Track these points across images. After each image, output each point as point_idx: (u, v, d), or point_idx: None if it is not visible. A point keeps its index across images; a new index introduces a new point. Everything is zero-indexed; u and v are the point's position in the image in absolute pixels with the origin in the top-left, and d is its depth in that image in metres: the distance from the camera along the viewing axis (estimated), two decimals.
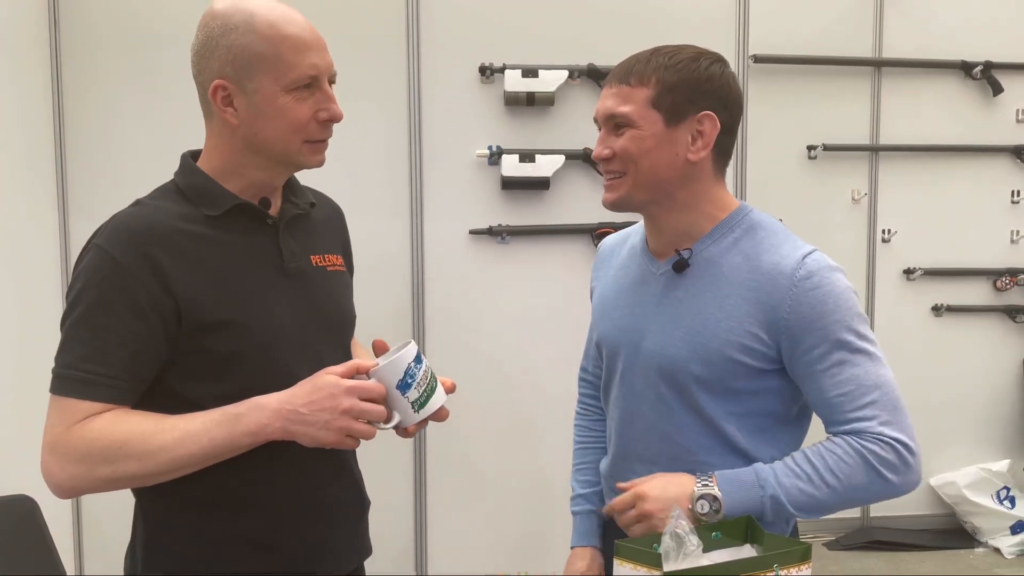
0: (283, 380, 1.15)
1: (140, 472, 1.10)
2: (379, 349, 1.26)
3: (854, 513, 3.69)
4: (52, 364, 1.14)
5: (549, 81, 2.68)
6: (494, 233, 2.73)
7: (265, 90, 1.15)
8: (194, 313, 1.14)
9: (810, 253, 1.25)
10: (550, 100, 2.69)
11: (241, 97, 1.16)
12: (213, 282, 1.16)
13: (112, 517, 2.59)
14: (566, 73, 2.69)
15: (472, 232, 2.74)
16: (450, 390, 1.23)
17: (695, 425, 1.30)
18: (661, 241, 1.35)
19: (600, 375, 1.54)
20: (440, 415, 1.20)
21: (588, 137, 2.71)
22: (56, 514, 2.46)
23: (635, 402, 1.36)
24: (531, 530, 2.80)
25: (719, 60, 1.30)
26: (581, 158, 2.71)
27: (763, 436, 1.30)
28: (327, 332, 1.29)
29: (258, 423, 1.10)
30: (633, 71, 1.26)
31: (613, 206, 1.33)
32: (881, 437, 1.20)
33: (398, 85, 2.66)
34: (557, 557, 1.59)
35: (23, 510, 1.61)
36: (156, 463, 1.09)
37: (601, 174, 1.36)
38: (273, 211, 1.26)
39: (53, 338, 1.13)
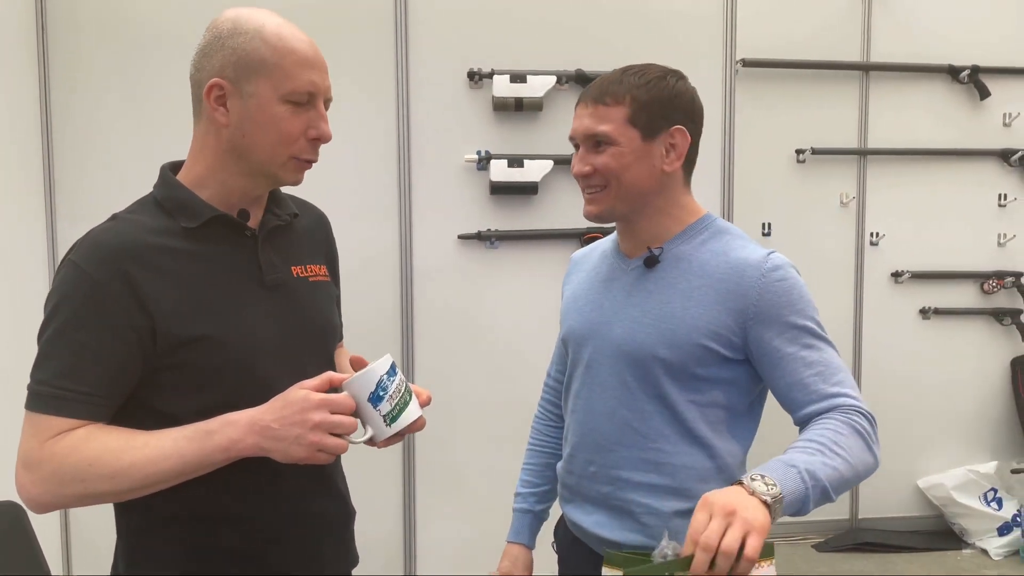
0: (264, 394, 1.15)
1: (112, 490, 1.10)
2: (357, 365, 1.26)
3: (842, 515, 3.72)
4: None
5: (537, 86, 2.68)
6: (483, 238, 2.74)
7: (262, 96, 1.15)
8: (170, 329, 1.13)
9: (772, 251, 1.34)
10: (538, 105, 2.70)
11: (236, 99, 1.16)
12: (189, 297, 1.16)
13: (100, 523, 2.58)
14: (554, 78, 2.70)
15: (461, 237, 2.74)
16: (425, 403, 1.23)
17: (656, 413, 1.35)
18: (634, 243, 1.42)
19: (562, 380, 1.60)
20: (415, 425, 1.20)
21: None
22: (43, 520, 2.46)
23: (599, 391, 1.41)
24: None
25: (682, 77, 1.39)
26: (569, 163, 2.70)
27: (722, 427, 1.36)
28: (309, 344, 1.29)
29: (230, 439, 1.10)
30: (608, 91, 1.33)
31: (596, 218, 1.40)
32: (860, 409, 1.25)
33: (386, 90, 2.66)
34: (546, 560, 1.62)
35: (10, 516, 1.60)
36: (127, 480, 1.09)
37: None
38: (253, 223, 1.25)
39: None
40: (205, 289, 1.17)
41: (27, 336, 2.40)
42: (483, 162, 2.70)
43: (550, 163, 2.71)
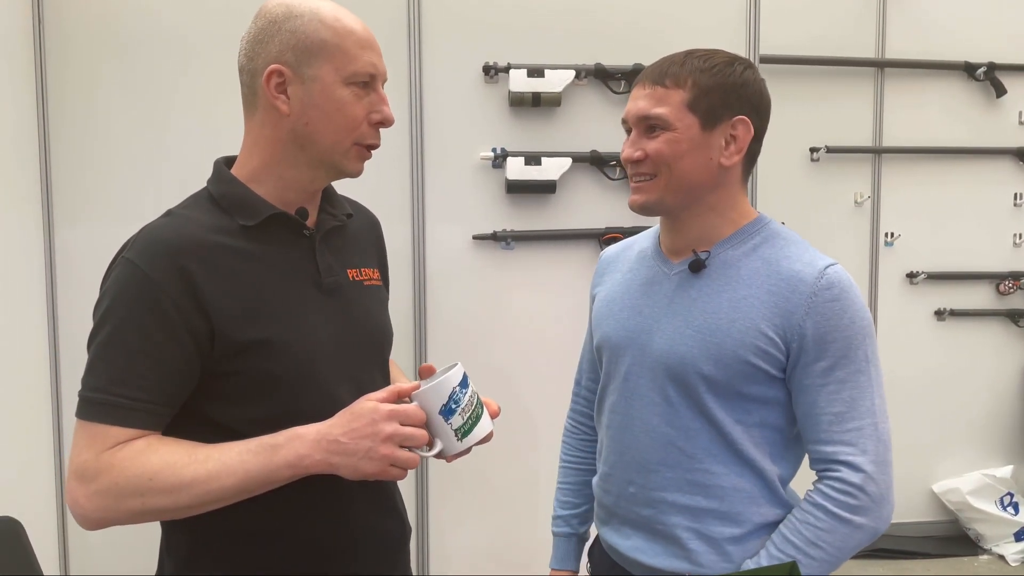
0: (322, 402, 1.10)
1: (171, 506, 1.04)
2: (426, 373, 1.20)
3: None
4: (44, 385, 1.07)
5: (555, 81, 2.60)
6: (498, 238, 2.64)
7: (325, 79, 1.11)
8: (229, 332, 1.08)
9: (832, 265, 1.23)
10: (556, 101, 2.61)
11: (297, 85, 1.11)
12: (248, 299, 1.10)
13: (99, 540, 2.50)
14: (573, 73, 2.61)
15: (476, 237, 2.65)
16: (495, 415, 1.17)
17: (702, 431, 1.25)
18: (678, 243, 1.32)
19: (595, 389, 1.49)
20: (484, 439, 1.13)
21: (595, 139, 2.64)
22: (42, 537, 2.36)
23: (638, 405, 1.31)
24: (534, 535, 2.73)
25: (751, 66, 1.28)
26: (588, 161, 2.63)
27: (770, 450, 1.27)
28: (365, 351, 1.24)
29: (297, 454, 1.03)
30: (668, 73, 1.24)
31: (642, 209, 1.30)
32: (845, 480, 1.18)
33: (399, 85, 2.57)
34: None
35: (8, 532, 1.54)
36: (188, 496, 1.03)
37: (611, 178, 1.33)
38: (310, 222, 1.20)
39: (38, 351, 1.05)
40: (264, 291, 1.12)
41: (24, 340, 2.30)
42: (499, 160, 2.61)
43: (568, 161, 2.62)
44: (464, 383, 1.11)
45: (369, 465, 1.03)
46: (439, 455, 1.10)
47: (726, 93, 1.23)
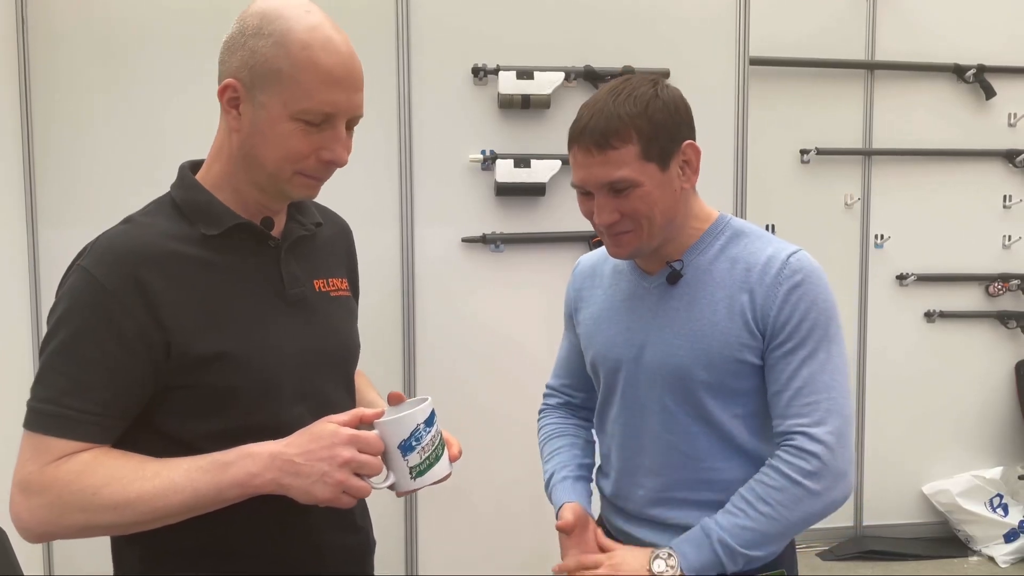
0: (282, 417, 1.07)
1: (116, 522, 1.01)
2: (394, 400, 1.17)
3: (847, 522, 3.66)
4: (26, 391, 1.05)
5: (544, 83, 2.58)
6: (488, 241, 2.63)
7: (272, 109, 1.05)
8: (185, 344, 1.04)
9: (795, 252, 1.28)
10: (546, 103, 2.60)
11: (248, 105, 1.07)
12: (207, 310, 1.07)
13: (86, 549, 2.46)
14: (562, 75, 2.59)
15: (465, 240, 2.63)
16: (455, 458, 1.14)
17: (702, 433, 1.31)
18: (650, 258, 1.36)
19: (566, 392, 1.60)
20: (440, 480, 1.11)
21: None
22: (27, 545, 2.33)
23: (638, 416, 1.36)
24: (524, 537, 2.72)
25: (665, 83, 1.30)
26: None
27: (766, 434, 1.32)
28: (329, 365, 1.20)
29: (248, 473, 1.00)
30: (609, 132, 1.22)
31: (625, 259, 1.36)
32: (801, 447, 1.23)
33: (388, 87, 2.55)
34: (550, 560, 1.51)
35: None
36: (134, 513, 1.00)
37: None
38: (276, 231, 1.17)
39: (20, 355, 1.02)
40: (224, 302, 1.09)
41: (6, 344, 2.27)
42: (488, 162, 2.60)
43: (558, 163, 2.60)
44: (430, 421, 1.08)
45: (322, 490, 1.00)
46: (391, 488, 1.08)
47: (668, 128, 1.25)
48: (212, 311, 1.07)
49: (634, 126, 1.22)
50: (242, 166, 1.10)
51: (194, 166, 1.18)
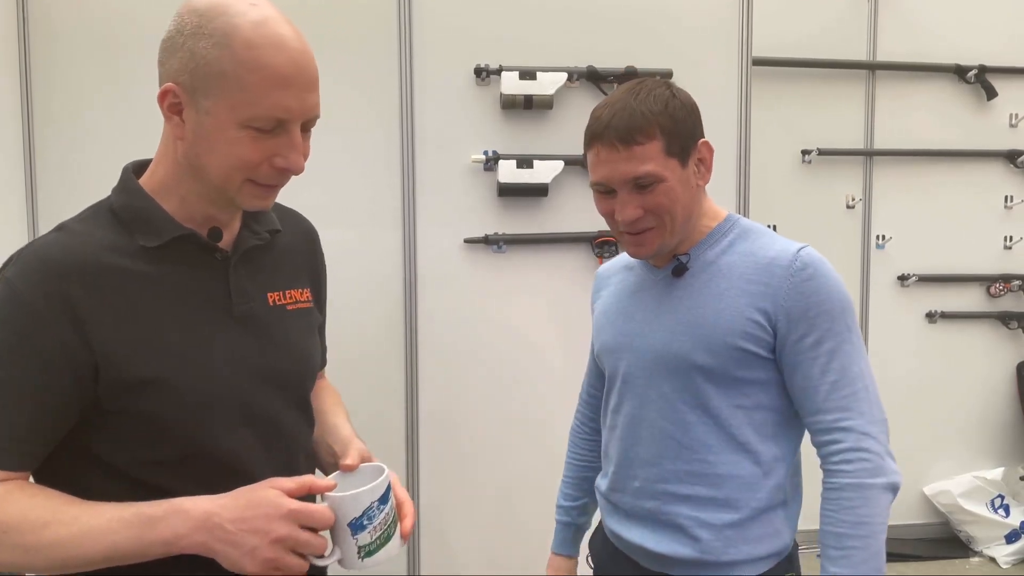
0: (224, 444, 1.01)
1: (25, 564, 0.92)
2: (348, 468, 1.09)
3: None
4: None
5: (547, 83, 2.57)
6: (490, 242, 2.62)
7: (218, 115, 0.96)
8: (116, 368, 0.96)
9: (804, 247, 1.30)
10: (548, 103, 2.58)
11: (191, 111, 0.98)
12: (141, 330, 0.98)
13: None
14: (565, 75, 2.58)
15: (467, 241, 2.62)
16: (408, 533, 1.06)
17: (699, 423, 1.31)
18: (661, 254, 1.39)
19: (597, 394, 1.60)
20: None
21: None
22: None
23: (636, 404, 1.38)
24: (524, 537, 2.71)
25: (674, 84, 1.35)
26: (581, 164, 2.60)
27: (768, 430, 1.32)
28: (278, 385, 1.11)
29: (175, 533, 0.92)
30: (634, 128, 1.26)
31: (647, 258, 1.38)
32: (854, 447, 1.24)
33: (390, 87, 2.54)
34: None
35: None
36: (44, 559, 0.92)
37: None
38: (226, 242, 1.08)
39: None
40: (161, 322, 1.00)
41: None
42: (490, 162, 2.58)
43: (561, 164, 2.59)
44: (385, 498, 1.00)
45: (250, 564, 0.91)
46: (337, 562, 1.00)
47: (687, 126, 1.30)
48: (146, 331, 0.99)
49: (657, 123, 1.26)
50: (188, 174, 1.02)
51: (139, 167, 1.10)
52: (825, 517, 1.26)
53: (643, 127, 1.25)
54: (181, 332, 1.01)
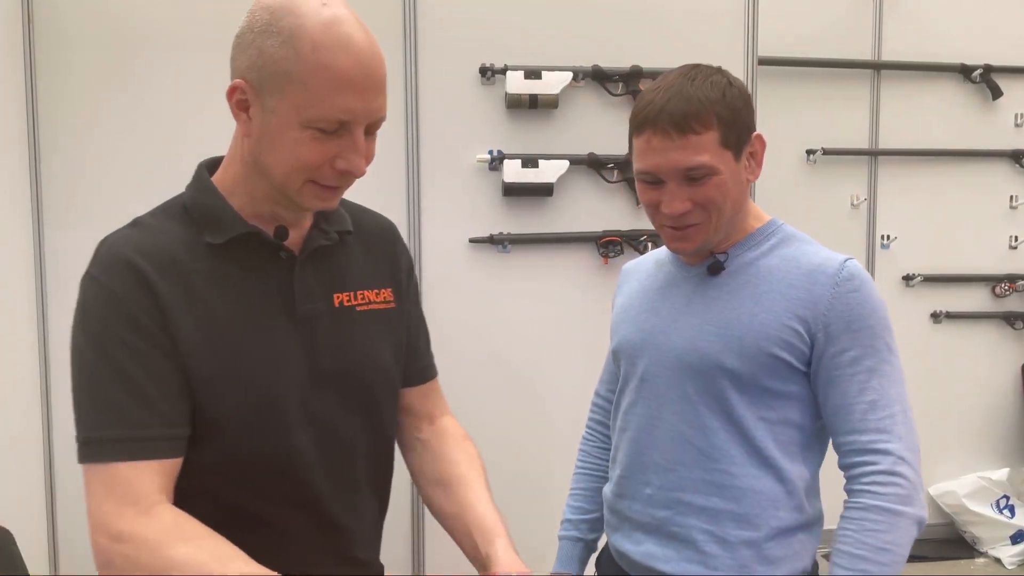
0: (277, 449, 1.01)
1: None
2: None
3: None
4: (32, 393, 1.01)
5: (553, 83, 2.57)
6: (495, 241, 2.62)
7: (282, 114, 0.96)
8: (185, 363, 0.98)
9: (850, 258, 1.24)
10: (554, 103, 2.58)
11: (257, 109, 0.98)
12: (202, 328, 0.99)
13: (89, 549, 2.46)
14: (570, 75, 2.58)
15: (472, 240, 2.62)
16: None
17: (721, 430, 1.24)
18: (702, 250, 1.31)
19: (611, 398, 1.49)
20: None
21: (593, 141, 2.61)
22: (32, 545, 2.32)
23: (655, 405, 1.30)
24: (529, 537, 2.70)
25: (727, 71, 1.26)
26: (586, 163, 2.60)
27: (793, 448, 1.25)
28: (337, 390, 1.10)
29: None
30: (691, 115, 1.17)
31: (690, 255, 1.31)
32: (889, 471, 1.16)
33: (395, 86, 2.53)
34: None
35: None
36: None
37: (608, 180, 1.33)
38: (293, 241, 1.08)
39: (27, 357, 0.98)
40: (221, 320, 1.01)
41: (13, 347, 2.26)
42: (495, 162, 2.58)
43: (566, 163, 2.59)
44: None
45: None
46: None
47: (743, 117, 1.22)
48: (207, 329, 1.00)
49: (715, 111, 1.18)
50: (254, 172, 1.03)
51: (212, 164, 1.10)
52: (843, 538, 1.17)
53: (700, 115, 1.17)
54: (240, 331, 1.02)
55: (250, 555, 0.98)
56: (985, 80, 3.51)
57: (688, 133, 1.17)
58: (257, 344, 1.03)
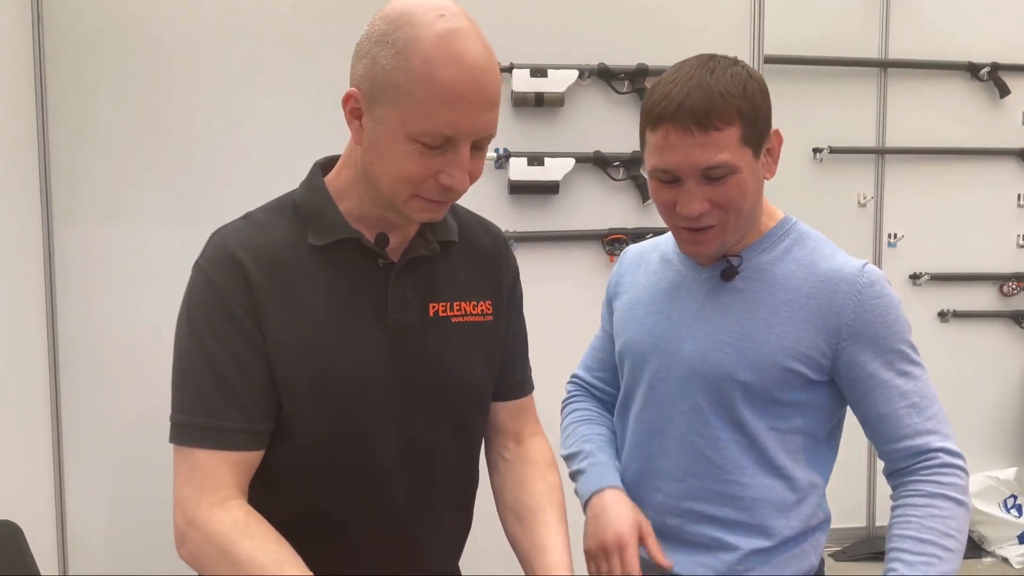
0: (357, 454, 1.02)
1: None
2: None
3: (859, 523, 3.64)
4: (42, 387, 1.03)
5: (559, 81, 2.57)
6: None
7: (389, 125, 0.95)
8: (273, 361, 1.01)
9: (867, 263, 1.20)
10: (559, 101, 2.58)
11: (368, 118, 0.98)
12: (294, 328, 1.01)
13: (99, 543, 2.47)
14: (576, 73, 2.58)
15: None
16: None
17: (733, 441, 1.21)
18: (719, 254, 1.25)
19: (597, 386, 1.49)
20: None
21: (599, 140, 2.62)
22: (41, 539, 2.33)
23: (665, 413, 1.26)
24: None
25: (744, 62, 1.19)
26: (592, 161, 2.60)
27: (801, 456, 1.23)
28: (423, 401, 1.08)
29: None
30: (713, 111, 1.10)
31: (707, 259, 1.25)
32: (947, 463, 1.15)
33: None
34: None
35: (5, 535, 1.52)
36: None
37: (614, 179, 1.28)
38: (394, 248, 1.07)
39: (37, 352, 1.00)
40: (313, 322, 1.02)
41: (23, 342, 2.27)
42: (501, 160, 2.59)
43: (572, 161, 2.59)
44: None
45: None
46: None
47: (763, 112, 1.15)
48: (299, 328, 1.01)
49: (736, 107, 1.10)
50: (364, 180, 1.03)
51: (327, 163, 1.11)
52: (906, 523, 1.13)
53: (722, 110, 1.09)
54: (330, 333, 1.02)
55: (321, 559, 1.00)
56: (992, 78, 3.50)
57: (710, 129, 1.10)
58: (346, 348, 1.03)
